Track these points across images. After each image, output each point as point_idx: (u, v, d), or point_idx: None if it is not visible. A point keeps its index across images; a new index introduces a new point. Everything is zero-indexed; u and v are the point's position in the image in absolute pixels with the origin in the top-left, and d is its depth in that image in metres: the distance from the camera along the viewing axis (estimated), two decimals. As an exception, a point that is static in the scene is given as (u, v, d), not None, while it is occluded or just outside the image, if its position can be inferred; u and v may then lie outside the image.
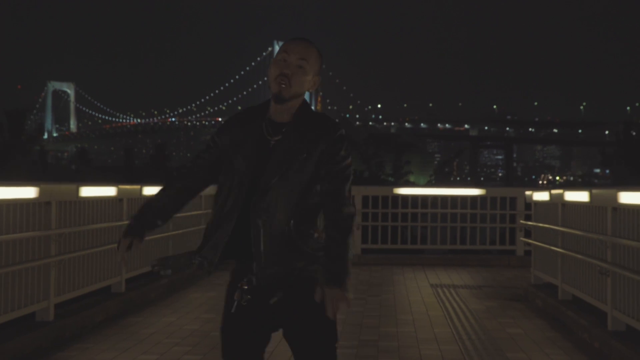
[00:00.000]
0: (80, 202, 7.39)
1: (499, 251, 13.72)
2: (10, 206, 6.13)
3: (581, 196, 7.57)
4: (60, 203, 6.90)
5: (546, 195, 9.20)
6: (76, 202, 7.28)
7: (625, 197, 6.31)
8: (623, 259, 6.50)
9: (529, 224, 10.28)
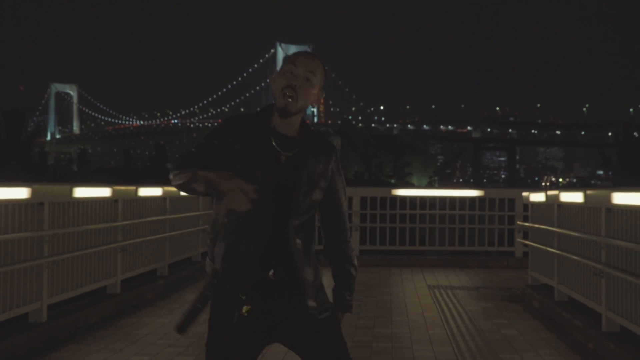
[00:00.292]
0: (74, 202, 7.37)
1: (498, 252, 13.70)
2: (2, 207, 6.12)
3: (576, 197, 7.55)
4: (53, 204, 6.89)
5: (542, 196, 9.18)
6: (70, 202, 7.27)
7: (619, 198, 6.29)
8: (617, 259, 6.48)
9: (526, 225, 10.26)
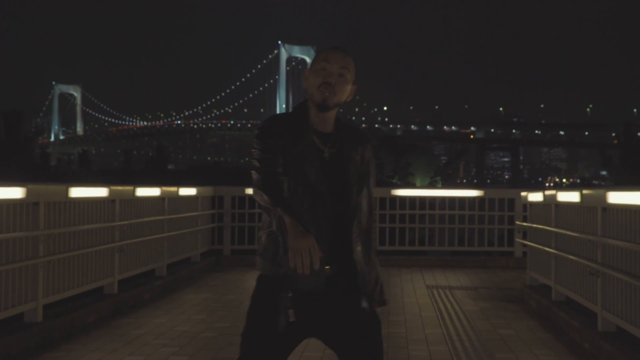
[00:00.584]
0: (70, 202, 7.37)
1: (497, 253, 13.66)
2: (-3, 206, 6.13)
3: (572, 197, 7.54)
4: (48, 204, 6.89)
5: (540, 196, 9.16)
6: (66, 202, 7.26)
7: (614, 197, 6.27)
8: (613, 259, 6.46)
9: (524, 225, 10.24)
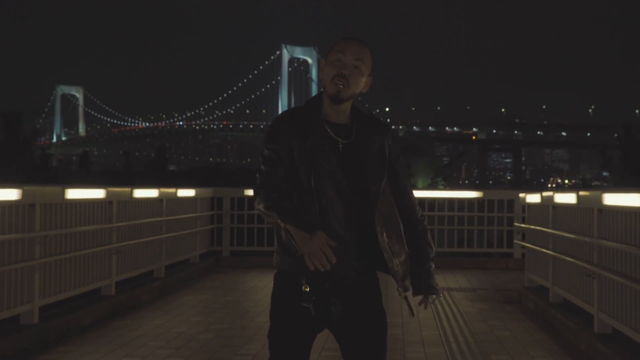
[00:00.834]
0: (67, 204, 7.37)
1: (497, 254, 13.64)
2: (-7, 208, 6.13)
3: (569, 198, 7.53)
4: (44, 205, 6.89)
5: (538, 197, 9.16)
6: (62, 204, 7.26)
7: (610, 199, 6.27)
8: (609, 261, 6.45)
9: (522, 226, 10.23)
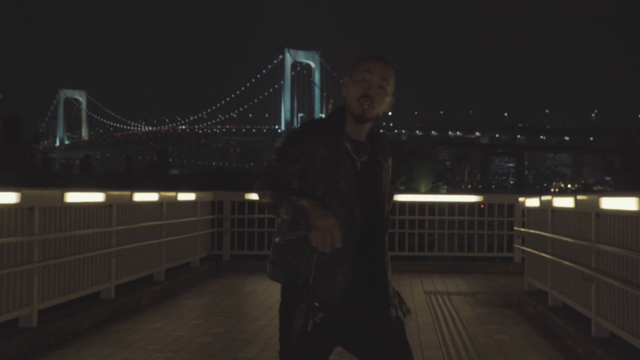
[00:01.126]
0: (66, 207, 7.39)
1: (498, 258, 13.64)
2: (-9, 211, 6.15)
3: (567, 202, 7.54)
4: (43, 209, 6.91)
5: (537, 201, 9.16)
6: (61, 207, 7.28)
7: (607, 203, 6.27)
8: (606, 265, 6.46)
9: (522, 230, 10.24)
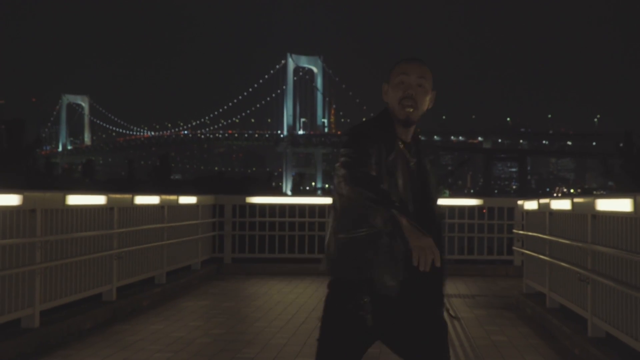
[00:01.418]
0: (68, 210, 7.46)
1: (498, 261, 13.66)
2: (-6, 213, 6.22)
3: (564, 204, 7.60)
4: (45, 211, 6.98)
5: (535, 204, 9.22)
6: (63, 210, 7.35)
7: (603, 205, 6.33)
8: (602, 266, 6.52)
9: (520, 233, 10.30)
